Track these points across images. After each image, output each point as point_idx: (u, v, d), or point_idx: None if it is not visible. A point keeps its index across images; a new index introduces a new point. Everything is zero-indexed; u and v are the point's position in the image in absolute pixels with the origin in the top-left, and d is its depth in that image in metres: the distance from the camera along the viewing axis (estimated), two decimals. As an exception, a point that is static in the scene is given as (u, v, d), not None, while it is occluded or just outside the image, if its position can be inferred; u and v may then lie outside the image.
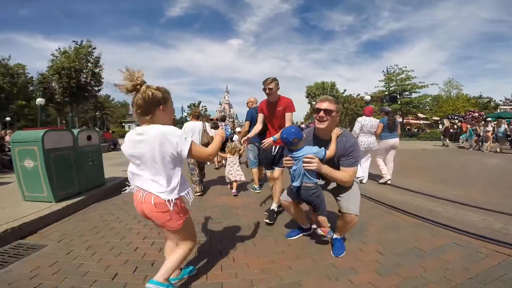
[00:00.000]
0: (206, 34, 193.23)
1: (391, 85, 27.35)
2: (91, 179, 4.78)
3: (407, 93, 26.53)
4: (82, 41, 14.51)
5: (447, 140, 16.20)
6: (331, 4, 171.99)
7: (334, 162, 2.29)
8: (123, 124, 59.02)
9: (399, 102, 26.04)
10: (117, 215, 3.74)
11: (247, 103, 5.38)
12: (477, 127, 14.40)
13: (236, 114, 74.61)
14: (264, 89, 3.30)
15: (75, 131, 4.51)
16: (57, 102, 15.04)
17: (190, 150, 1.59)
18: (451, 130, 17.50)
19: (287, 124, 3.22)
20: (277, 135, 2.87)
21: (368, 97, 18.51)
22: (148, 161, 1.59)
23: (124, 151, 1.69)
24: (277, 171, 3.48)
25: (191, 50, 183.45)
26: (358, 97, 38.76)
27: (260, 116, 3.63)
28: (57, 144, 3.99)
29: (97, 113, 41.96)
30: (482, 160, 10.19)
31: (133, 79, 1.54)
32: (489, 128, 13.08)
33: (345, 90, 41.94)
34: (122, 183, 5.56)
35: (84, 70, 14.09)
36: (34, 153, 3.73)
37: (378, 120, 5.73)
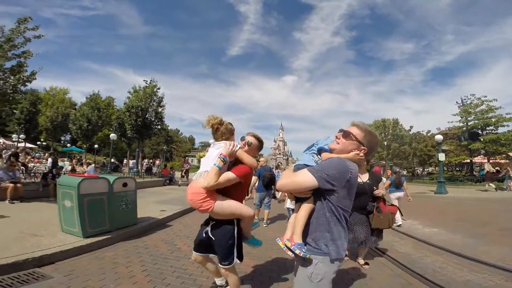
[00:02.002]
0: (262, 72, 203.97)
1: (469, 119, 23.70)
2: (123, 220, 5.06)
3: (491, 127, 22.52)
4: (150, 80, 16.22)
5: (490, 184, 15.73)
6: (386, 33, 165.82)
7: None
8: (187, 157, 63.89)
9: (481, 140, 22.15)
10: (130, 259, 3.77)
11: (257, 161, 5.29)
12: None
13: (291, 152, 73.80)
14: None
15: (112, 178, 4.95)
16: (128, 137, 16.94)
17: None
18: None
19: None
20: None
21: (439, 137, 15.05)
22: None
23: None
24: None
25: (249, 87, 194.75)
26: (429, 134, 34.05)
27: None
28: (92, 190, 4.47)
29: (164, 147, 46.46)
30: None
31: (216, 118, 2.36)
32: None
33: (411, 127, 36.87)
34: (152, 225, 5.62)
35: (149, 109, 15.62)
36: (71, 196, 4.30)
37: (384, 179, 6.83)
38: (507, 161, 24.92)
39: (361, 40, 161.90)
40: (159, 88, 16.03)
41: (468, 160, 24.78)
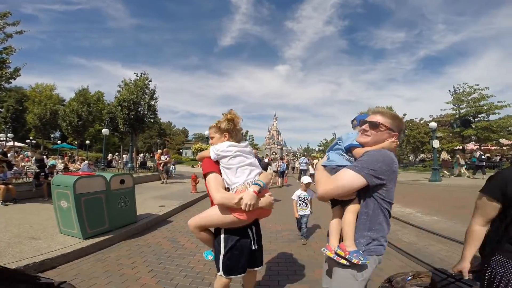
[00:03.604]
0: (255, 62, 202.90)
1: (461, 106, 23.95)
2: (122, 218, 4.94)
3: (483, 115, 22.82)
4: (141, 73, 15.80)
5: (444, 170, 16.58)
6: (378, 21, 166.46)
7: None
8: (181, 150, 63.23)
9: (473, 127, 22.46)
10: (134, 260, 3.68)
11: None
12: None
13: (285, 141, 74.24)
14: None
15: (108, 176, 4.77)
16: (120, 131, 16.60)
17: None
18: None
19: None
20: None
21: (434, 124, 14.95)
22: None
23: None
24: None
25: (242, 78, 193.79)
26: (422, 121, 34.32)
27: None
28: (89, 189, 4.31)
29: (158, 140, 45.85)
30: None
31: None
32: None
33: (405, 115, 37.43)
34: (152, 222, 5.51)
35: (141, 102, 15.27)
36: (67, 196, 4.14)
37: None
38: (497, 147, 25.46)
39: (353, 29, 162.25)
40: (150, 81, 15.68)
41: (460, 147, 25.16)
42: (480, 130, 21.77)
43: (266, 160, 14.45)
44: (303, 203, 4.65)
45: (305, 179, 4.75)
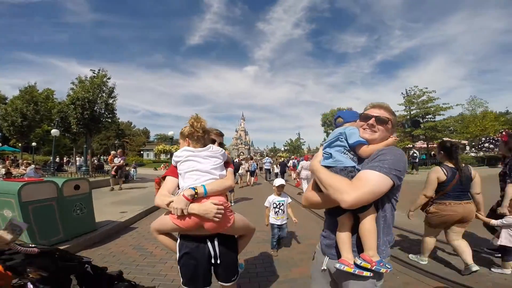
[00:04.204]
0: (224, 61, 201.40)
1: (412, 108, 26.12)
2: (79, 227, 4.51)
3: (430, 116, 25.12)
4: (99, 70, 14.57)
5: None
6: (342, 26, 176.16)
7: None
8: (142, 151, 60.14)
9: (422, 127, 24.64)
10: None
11: None
12: None
13: (252, 141, 74.68)
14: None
15: (60, 181, 4.33)
16: (73, 132, 15.16)
17: None
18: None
19: None
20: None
21: None
22: None
23: None
24: None
25: (209, 77, 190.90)
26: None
27: None
28: (37, 196, 3.88)
29: (116, 141, 42.91)
30: None
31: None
32: None
33: (350, 109, 40.60)
34: (114, 229, 5.09)
35: (98, 101, 14.14)
36: (11, 205, 3.68)
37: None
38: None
39: (320, 33, 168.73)
40: (109, 78, 14.56)
41: (411, 145, 27.44)
42: (427, 129, 23.95)
43: (236, 160, 14.92)
44: (279, 210, 3.98)
45: (277, 181, 4.14)
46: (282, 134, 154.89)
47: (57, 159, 21.27)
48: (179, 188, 1.76)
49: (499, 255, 3.27)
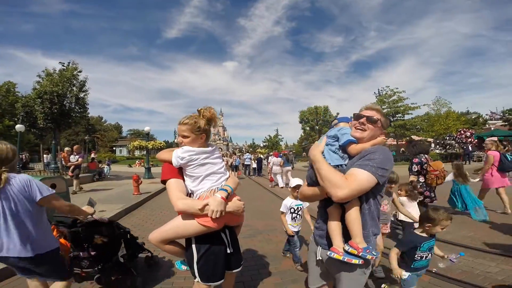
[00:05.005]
0: (202, 56, 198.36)
1: (383, 107, 27.40)
2: None
3: (399, 115, 26.58)
4: (69, 63, 13.67)
5: None
6: (321, 25, 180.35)
7: None
8: (114, 148, 57.60)
9: (391, 125, 26.00)
10: None
11: None
12: None
13: (230, 137, 74.36)
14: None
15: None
16: (39, 128, 14.17)
17: None
18: None
19: None
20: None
21: None
22: None
23: None
24: None
25: (186, 72, 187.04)
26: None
27: None
28: None
29: (86, 137, 40.70)
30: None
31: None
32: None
33: (337, 114, 41.70)
34: None
35: (68, 95, 13.34)
36: None
37: (280, 159, 11.62)
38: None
39: (299, 31, 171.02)
40: (80, 71, 13.74)
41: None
42: (397, 128, 25.34)
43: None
44: (297, 215, 3.40)
45: (294, 181, 3.47)
46: (259, 130, 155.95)
47: (27, 156, 19.77)
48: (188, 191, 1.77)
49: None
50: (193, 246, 1.72)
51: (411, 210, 3.43)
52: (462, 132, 22.73)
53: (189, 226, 1.67)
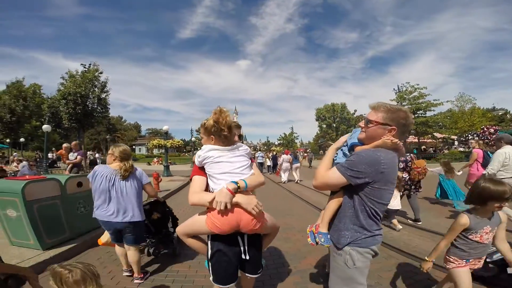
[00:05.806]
0: (215, 56, 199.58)
1: (403, 104, 26.52)
2: (84, 224, 4.44)
3: (421, 111, 25.63)
4: (90, 64, 14.22)
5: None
6: (335, 21, 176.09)
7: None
8: (134, 146, 59.23)
9: (413, 122, 25.16)
10: (109, 269, 3.33)
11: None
12: None
13: (245, 136, 74.58)
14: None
15: (63, 178, 4.23)
16: (64, 128, 14.89)
17: None
18: None
19: None
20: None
21: None
22: None
23: None
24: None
25: (201, 71, 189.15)
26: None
27: None
28: (41, 194, 3.79)
29: (107, 136, 42.13)
30: None
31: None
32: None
33: (355, 111, 40.71)
34: None
35: (90, 96, 13.90)
36: (15, 204, 3.57)
37: (290, 156, 12.77)
38: (432, 140, 29.00)
39: (312, 28, 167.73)
40: (101, 73, 14.29)
41: (401, 142, 28.00)
42: (418, 125, 24.46)
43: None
44: None
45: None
46: (274, 128, 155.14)
47: (54, 156, 20.85)
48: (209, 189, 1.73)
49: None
50: (209, 242, 1.76)
51: (393, 200, 3.84)
52: (485, 129, 21.53)
53: (201, 222, 1.70)
